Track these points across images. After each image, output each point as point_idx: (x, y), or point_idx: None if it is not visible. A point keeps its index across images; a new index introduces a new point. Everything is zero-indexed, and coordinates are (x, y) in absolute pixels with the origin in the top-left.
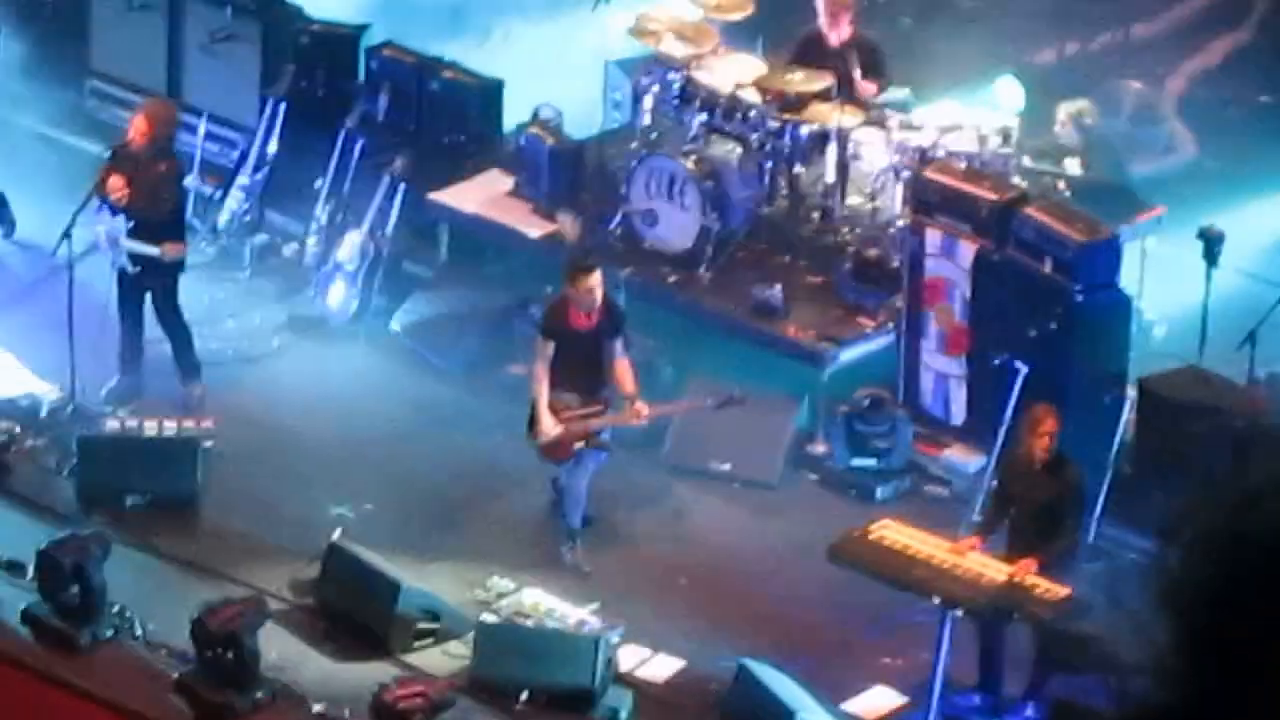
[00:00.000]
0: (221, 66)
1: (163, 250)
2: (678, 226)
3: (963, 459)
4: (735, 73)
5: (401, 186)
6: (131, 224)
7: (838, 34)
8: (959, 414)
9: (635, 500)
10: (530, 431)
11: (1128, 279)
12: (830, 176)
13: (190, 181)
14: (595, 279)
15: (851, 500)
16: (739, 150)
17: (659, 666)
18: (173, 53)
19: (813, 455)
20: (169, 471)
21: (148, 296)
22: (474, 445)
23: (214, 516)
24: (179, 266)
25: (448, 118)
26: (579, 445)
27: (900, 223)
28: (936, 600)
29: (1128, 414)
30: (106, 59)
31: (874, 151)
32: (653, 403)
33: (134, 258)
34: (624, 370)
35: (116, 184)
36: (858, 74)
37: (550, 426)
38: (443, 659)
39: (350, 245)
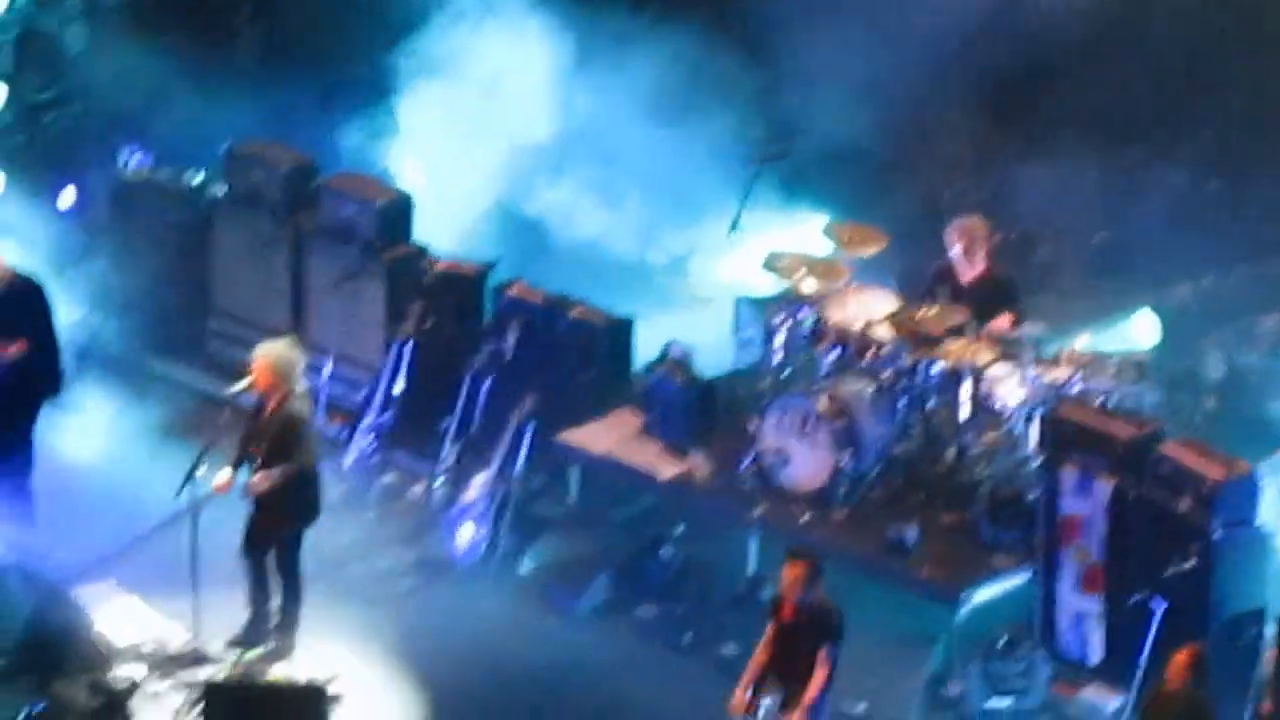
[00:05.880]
0: (347, 306)
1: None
2: (810, 466)
3: (1101, 699)
4: (867, 309)
5: (530, 426)
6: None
7: (971, 269)
8: (1096, 653)
9: None
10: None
11: (1267, 515)
12: (964, 414)
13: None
14: (795, 571)
15: None
16: (872, 388)
17: None
18: (297, 292)
19: (948, 697)
20: (294, 718)
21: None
22: (602, 690)
23: None
24: (302, 520)
25: (577, 356)
26: None
27: (1036, 460)
28: None
29: (1268, 651)
30: (229, 297)
31: (1008, 388)
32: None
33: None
34: (813, 677)
35: (221, 485)
36: (991, 309)
37: (734, 706)
38: None
39: (478, 486)
